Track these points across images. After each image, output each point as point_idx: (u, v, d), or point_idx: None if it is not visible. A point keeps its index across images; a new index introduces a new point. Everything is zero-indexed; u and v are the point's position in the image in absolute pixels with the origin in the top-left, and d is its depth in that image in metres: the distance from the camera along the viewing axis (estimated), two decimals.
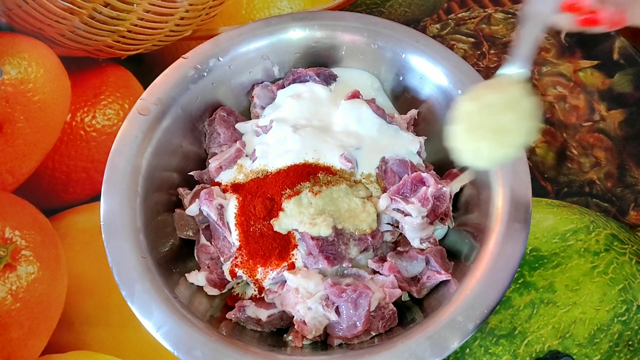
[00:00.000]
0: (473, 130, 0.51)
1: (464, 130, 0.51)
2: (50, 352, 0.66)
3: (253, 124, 0.68)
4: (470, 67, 0.67)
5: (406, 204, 0.60)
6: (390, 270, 0.58)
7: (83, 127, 0.79)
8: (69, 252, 0.71)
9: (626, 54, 0.84)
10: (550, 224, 0.71)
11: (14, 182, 0.76)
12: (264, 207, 0.60)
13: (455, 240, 0.63)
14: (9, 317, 0.67)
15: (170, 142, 0.65)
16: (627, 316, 0.66)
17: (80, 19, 0.84)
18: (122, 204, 0.59)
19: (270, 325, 0.60)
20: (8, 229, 0.72)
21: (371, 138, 0.65)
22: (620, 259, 0.69)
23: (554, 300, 0.67)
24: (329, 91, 0.69)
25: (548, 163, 0.77)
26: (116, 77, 0.83)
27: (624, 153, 0.77)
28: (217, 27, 0.88)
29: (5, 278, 0.69)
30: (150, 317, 0.54)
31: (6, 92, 0.81)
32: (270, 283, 0.60)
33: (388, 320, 0.57)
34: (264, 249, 0.59)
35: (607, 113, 0.80)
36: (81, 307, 0.68)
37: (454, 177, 0.64)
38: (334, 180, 0.61)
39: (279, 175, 0.61)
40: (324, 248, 0.57)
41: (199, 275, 0.61)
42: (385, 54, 0.70)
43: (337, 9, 0.90)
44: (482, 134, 0.50)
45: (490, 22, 0.89)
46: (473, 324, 0.53)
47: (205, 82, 0.68)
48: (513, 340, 0.65)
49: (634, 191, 0.75)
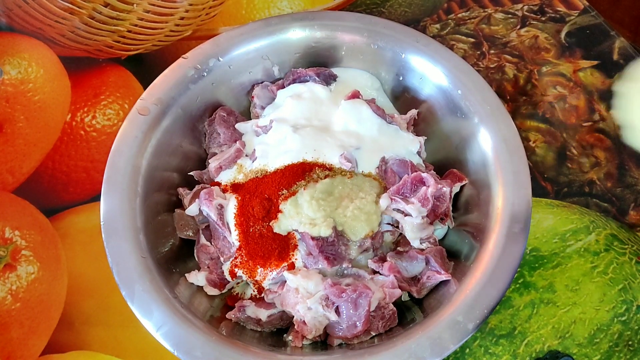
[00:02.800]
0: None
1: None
2: (50, 352, 0.66)
3: (253, 124, 0.68)
4: (470, 67, 0.67)
5: (406, 204, 0.60)
6: (390, 270, 0.58)
7: (83, 127, 0.79)
8: (69, 252, 0.71)
9: (626, 54, 0.84)
10: (550, 224, 0.71)
11: (14, 182, 0.76)
12: (262, 208, 0.60)
13: (455, 240, 0.63)
14: (9, 317, 0.67)
15: (170, 142, 0.65)
16: (627, 316, 0.66)
17: (80, 19, 0.84)
18: (122, 204, 0.59)
19: (270, 325, 0.60)
20: (8, 229, 0.72)
21: (371, 138, 0.65)
22: (620, 259, 0.69)
23: (554, 300, 0.67)
24: (329, 91, 0.69)
25: (548, 163, 0.77)
26: (116, 77, 0.83)
27: (624, 153, 0.77)
28: (217, 27, 0.88)
29: (5, 278, 0.69)
30: (150, 317, 0.54)
31: (6, 92, 0.81)
32: (270, 283, 0.60)
33: (388, 320, 0.58)
34: (264, 250, 0.59)
35: (607, 113, 0.80)
36: (81, 307, 0.68)
37: (454, 177, 0.64)
38: (332, 174, 0.60)
39: (276, 175, 0.61)
40: (324, 248, 0.57)
41: (199, 275, 0.61)
42: (385, 54, 0.70)
43: (337, 9, 0.90)
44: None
45: (490, 22, 0.89)
46: (473, 324, 0.53)
47: (205, 82, 0.68)
48: (513, 340, 0.65)
49: (634, 191, 0.75)
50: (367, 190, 0.61)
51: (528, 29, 0.88)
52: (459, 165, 0.65)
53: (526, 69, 0.84)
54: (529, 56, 0.85)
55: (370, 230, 0.59)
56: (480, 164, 0.62)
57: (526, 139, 0.78)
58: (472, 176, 0.64)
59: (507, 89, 0.83)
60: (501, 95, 0.81)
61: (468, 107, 0.64)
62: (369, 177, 0.63)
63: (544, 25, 0.88)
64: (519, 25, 0.88)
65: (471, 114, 0.64)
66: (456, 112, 0.65)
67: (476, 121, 0.63)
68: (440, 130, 0.68)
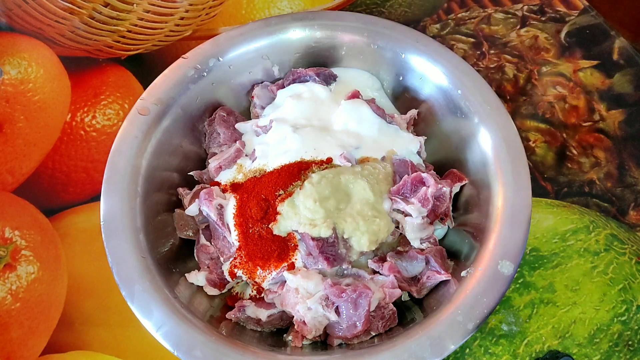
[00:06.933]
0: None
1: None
2: (50, 352, 0.66)
3: (253, 124, 0.68)
4: (470, 67, 0.67)
5: (406, 205, 0.60)
6: (390, 270, 0.58)
7: (83, 127, 0.79)
8: (69, 252, 0.71)
9: (626, 54, 0.84)
10: (550, 224, 0.71)
11: (14, 182, 0.76)
12: (259, 209, 0.59)
13: (455, 240, 0.63)
14: (9, 317, 0.67)
15: (170, 142, 0.65)
16: (627, 316, 0.66)
17: (80, 19, 0.84)
18: (122, 204, 0.59)
19: (270, 325, 0.60)
20: (8, 229, 0.72)
21: (371, 138, 0.65)
22: (620, 259, 0.69)
23: (554, 300, 0.67)
24: (329, 91, 0.69)
25: (548, 163, 0.77)
26: (116, 77, 0.83)
27: (624, 153, 0.77)
28: (217, 27, 0.88)
29: (5, 278, 0.69)
30: (150, 317, 0.54)
31: (6, 92, 0.81)
32: (270, 283, 0.60)
33: (388, 320, 0.57)
34: (263, 251, 0.59)
35: (607, 113, 0.80)
36: (81, 307, 0.68)
37: (454, 177, 0.64)
38: (330, 173, 0.60)
39: (272, 176, 0.61)
40: (324, 249, 0.57)
41: (199, 275, 0.61)
42: (385, 54, 0.70)
43: (337, 9, 0.90)
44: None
45: (490, 22, 0.89)
46: (473, 324, 0.53)
47: (205, 82, 0.68)
48: (513, 340, 0.65)
49: (634, 191, 0.75)
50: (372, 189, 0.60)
51: (528, 29, 0.88)
52: (459, 165, 0.65)
53: (526, 69, 0.84)
54: (529, 56, 0.85)
55: (375, 240, 0.59)
56: (480, 164, 0.62)
57: (526, 139, 0.78)
58: (472, 176, 0.64)
59: (507, 89, 0.83)
60: (501, 95, 0.81)
61: (468, 107, 0.64)
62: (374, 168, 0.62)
63: (544, 25, 0.88)
64: (519, 25, 0.88)
65: (471, 114, 0.64)
66: (456, 112, 0.65)
67: (476, 121, 0.63)
68: (440, 130, 0.68)
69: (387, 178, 0.62)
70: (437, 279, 0.59)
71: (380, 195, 0.60)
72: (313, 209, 0.57)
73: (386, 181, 0.61)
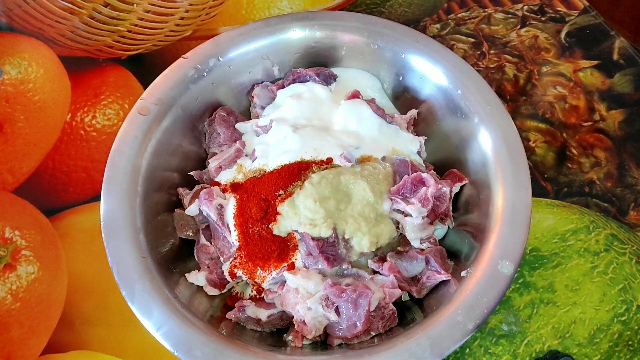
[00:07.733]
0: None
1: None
2: (51, 352, 0.66)
3: (253, 124, 0.68)
4: (470, 67, 0.67)
5: (406, 205, 0.60)
6: (390, 270, 0.58)
7: (83, 127, 0.79)
8: (69, 252, 0.71)
9: (626, 54, 0.84)
10: (550, 224, 0.71)
11: (14, 182, 0.76)
12: (259, 209, 0.59)
13: (455, 240, 0.63)
14: (9, 317, 0.67)
15: (170, 142, 0.65)
16: (627, 316, 0.66)
17: (80, 19, 0.84)
18: (122, 204, 0.59)
19: (270, 325, 0.60)
20: (8, 229, 0.72)
21: (371, 138, 0.65)
22: (620, 259, 0.69)
23: (554, 300, 0.67)
24: (329, 91, 0.69)
25: (548, 163, 0.77)
26: (116, 77, 0.83)
27: (624, 153, 0.77)
28: (217, 27, 0.88)
29: (5, 278, 0.69)
30: (150, 317, 0.54)
31: (6, 92, 0.81)
32: (270, 283, 0.60)
33: (388, 320, 0.58)
34: (263, 252, 0.59)
35: (607, 113, 0.80)
36: (81, 307, 0.68)
37: (454, 177, 0.64)
38: (330, 174, 0.60)
39: (272, 176, 0.61)
40: (324, 249, 0.57)
41: (199, 275, 0.61)
42: (385, 54, 0.70)
43: (337, 9, 0.90)
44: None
45: (490, 22, 0.89)
46: (473, 324, 0.53)
47: (205, 82, 0.68)
48: (513, 340, 0.65)
49: (634, 191, 0.75)
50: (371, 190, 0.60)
51: (528, 29, 0.88)
52: (459, 165, 0.65)
53: (526, 69, 0.84)
54: (529, 56, 0.85)
55: (376, 242, 0.59)
56: (480, 164, 0.62)
57: (526, 139, 0.78)
58: (472, 176, 0.64)
59: (507, 89, 0.83)
60: (501, 95, 0.81)
61: (468, 107, 0.64)
62: (374, 168, 0.62)
63: (544, 25, 0.88)
64: (519, 25, 0.88)
65: (471, 114, 0.64)
66: (456, 112, 0.65)
67: (476, 121, 0.63)
68: (440, 130, 0.68)
69: (387, 178, 0.62)
70: (437, 279, 0.59)
71: (380, 195, 0.60)
72: (313, 209, 0.57)
73: (386, 181, 0.61)
